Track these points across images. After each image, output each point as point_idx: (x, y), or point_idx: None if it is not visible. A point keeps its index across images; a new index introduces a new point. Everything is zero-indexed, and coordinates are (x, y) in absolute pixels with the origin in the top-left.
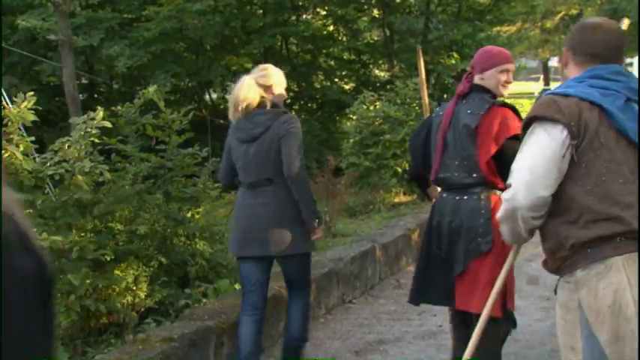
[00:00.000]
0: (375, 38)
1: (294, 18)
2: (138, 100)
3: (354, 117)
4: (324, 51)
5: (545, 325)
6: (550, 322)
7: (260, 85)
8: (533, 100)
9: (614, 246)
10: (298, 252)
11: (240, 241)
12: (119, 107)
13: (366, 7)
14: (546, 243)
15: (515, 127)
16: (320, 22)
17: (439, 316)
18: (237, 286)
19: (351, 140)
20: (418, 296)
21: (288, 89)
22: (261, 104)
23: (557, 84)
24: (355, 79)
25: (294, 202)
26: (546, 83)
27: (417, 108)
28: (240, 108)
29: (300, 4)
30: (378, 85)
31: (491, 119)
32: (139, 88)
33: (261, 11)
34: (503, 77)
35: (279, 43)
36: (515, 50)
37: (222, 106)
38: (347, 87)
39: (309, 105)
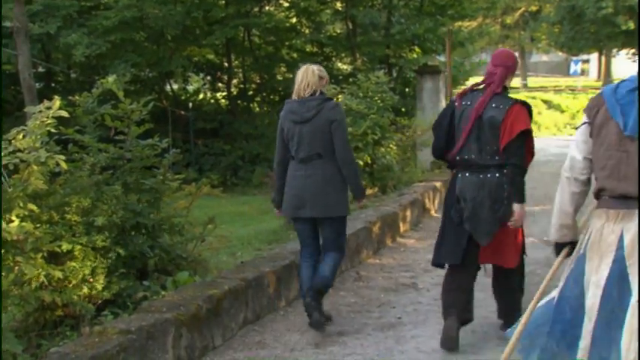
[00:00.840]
0: (338, 31)
1: (256, 9)
2: (96, 89)
3: None
4: (287, 43)
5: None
6: None
7: (319, 76)
8: None
9: (600, 200)
10: (337, 215)
11: (293, 205)
12: (77, 97)
13: None
14: None
15: (525, 122)
16: (283, 13)
17: (398, 309)
18: (196, 278)
19: None
20: (437, 259)
21: (250, 81)
22: (315, 92)
23: (517, 79)
24: None
25: (337, 174)
26: None
27: (378, 102)
28: (305, 92)
29: None
30: (340, 78)
31: (512, 114)
32: (97, 77)
33: (223, 2)
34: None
35: (241, 35)
36: (475, 45)
37: (183, 97)
38: None
39: (272, 97)
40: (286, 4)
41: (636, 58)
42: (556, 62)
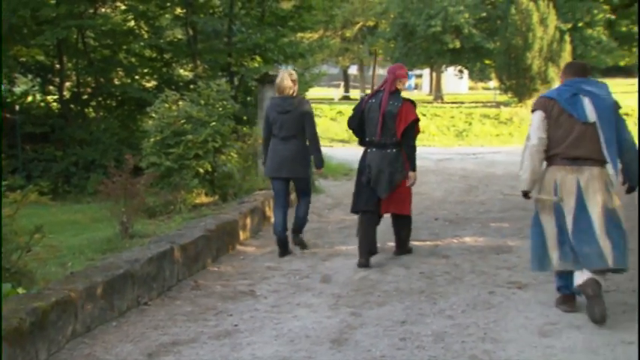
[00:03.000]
0: (180, 37)
1: (91, 11)
2: None
3: (156, 116)
4: (125, 47)
5: (334, 321)
6: (339, 319)
7: (291, 79)
8: (333, 106)
9: (552, 161)
10: (305, 176)
11: (275, 168)
12: None
13: (168, 4)
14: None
15: (415, 114)
16: (120, 16)
17: (235, 316)
18: (20, 290)
19: (152, 139)
20: (355, 207)
21: (84, 85)
22: (293, 92)
23: (357, 91)
24: (158, 77)
25: (304, 149)
26: (346, 90)
27: (219, 109)
28: (284, 92)
29: None
30: (181, 84)
31: (404, 109)
32: None
33: (53, 1)
34: (405, 83)
35: (74, 36)
36: (316, 57)
37: (9, 99)
38: (149, 85)
39: (108, 102)
40: (123, 7)
41: (462, 75)
42: None
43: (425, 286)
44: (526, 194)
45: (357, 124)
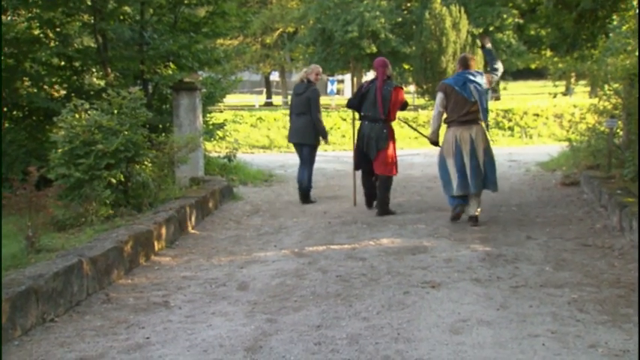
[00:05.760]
0: (92, 45)
1: None
2: None
3: (64, 126)
4: (30, 55)
5: (249, 328)
6: (255, 326)
7: (315, 73)
8: (254, 112)
9: (451, 124)
10: (310, 143)
11: (291, 135)
12: None
13: (75, 11)
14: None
15: (403, 97)
16: (24, 24)
17: (147, 329)
18: None
19: (60, 150)
20: (357, 167)
21: None
22: (307, 80)
23: (279, 97)
24: (67, 86)
25: (311, 122)
26: (269, 96)
27: (132, 118)
28: (303, 80)
29: (2, 4)
30: (92, 93)
31: (395, 93)
32: None
33: None
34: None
35: None
36: (233, 64)
37: None
38: (58, 94)
39: (15, 113)
40: (28, 15)
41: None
42: None
43: (341, 289)
44: (434, 143)
45: (358, 103)
